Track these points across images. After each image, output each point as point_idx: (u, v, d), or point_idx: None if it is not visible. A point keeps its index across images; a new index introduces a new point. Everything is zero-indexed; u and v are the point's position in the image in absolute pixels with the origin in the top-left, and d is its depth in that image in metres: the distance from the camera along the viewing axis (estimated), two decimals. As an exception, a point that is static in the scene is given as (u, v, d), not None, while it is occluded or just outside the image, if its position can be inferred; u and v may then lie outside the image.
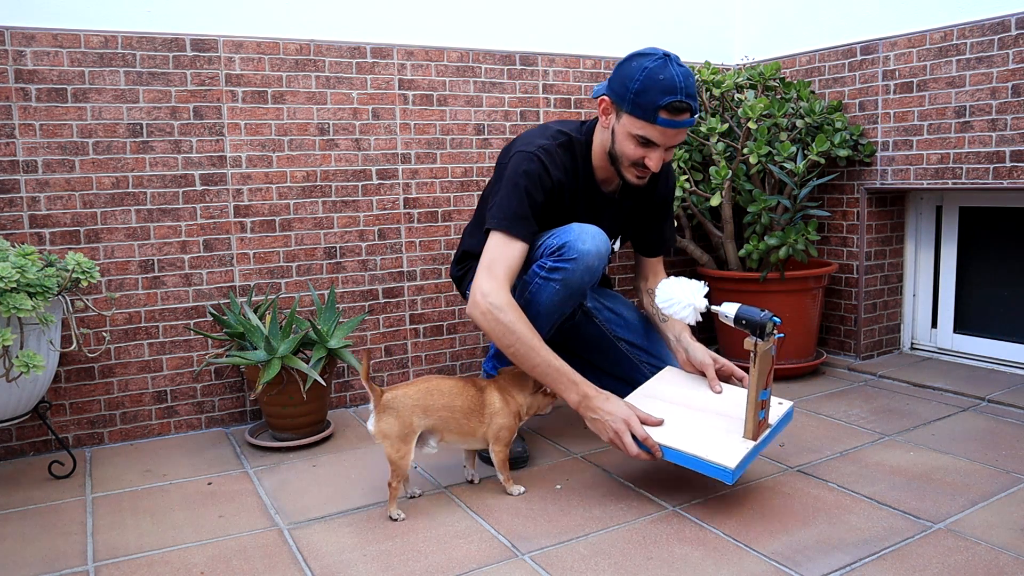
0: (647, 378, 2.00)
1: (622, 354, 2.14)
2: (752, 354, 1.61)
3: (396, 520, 1.66)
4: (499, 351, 1.93)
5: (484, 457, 2.00)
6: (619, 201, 2.04)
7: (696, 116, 1.80)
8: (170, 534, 1.64)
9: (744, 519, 1.63)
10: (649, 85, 1.73)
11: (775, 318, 1.61)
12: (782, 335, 1.64)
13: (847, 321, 2.88)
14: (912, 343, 2.96)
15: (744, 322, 1.62)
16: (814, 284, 2.66)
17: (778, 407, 1.81)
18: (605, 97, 1.84)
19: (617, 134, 1.83)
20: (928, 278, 2.90)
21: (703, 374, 1.93)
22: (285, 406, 2.12)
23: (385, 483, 1.71)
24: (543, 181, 1.83)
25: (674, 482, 1.83)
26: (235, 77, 2.27)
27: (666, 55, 1.76)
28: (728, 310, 1.65)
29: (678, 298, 1.70)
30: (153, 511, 1.76)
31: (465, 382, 1.76)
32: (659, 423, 1.73)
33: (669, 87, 1.71)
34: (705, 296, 1.69)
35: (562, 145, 1.89)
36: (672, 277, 1.75)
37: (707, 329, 3.20)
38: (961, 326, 2.81)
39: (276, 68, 2.32)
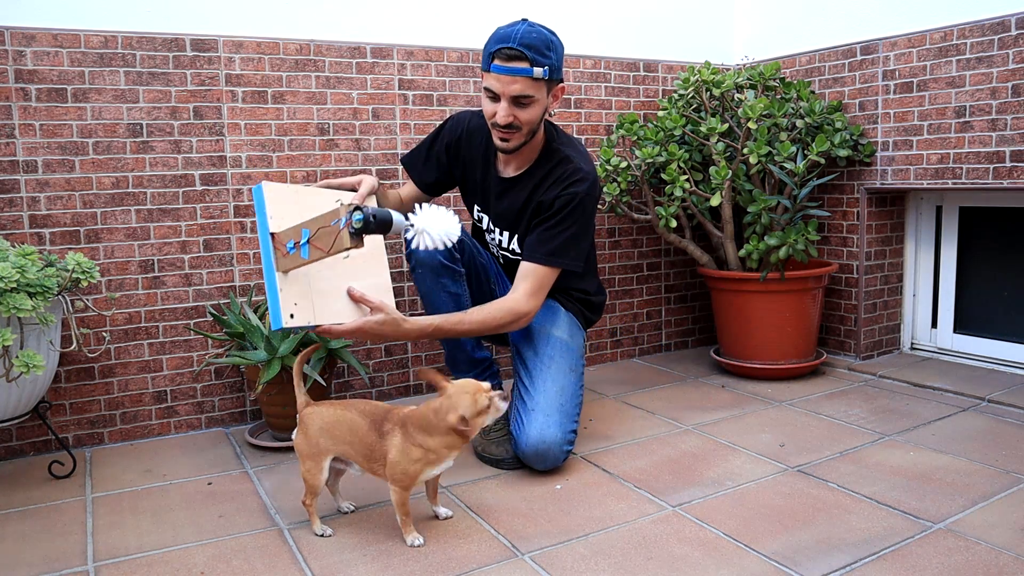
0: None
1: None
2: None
3: (323, 536, 1.60)
4: (448, 356, 2.10)
5: (481, 457, 2.01)
6: (512, 186, 2.00)
7: (541, 69, 1.77)
8: (170, 534, 1.64)
9: (744, 519, 1.63)
10: (490, 39, 1.82)
11: (361, 216, 1.42)
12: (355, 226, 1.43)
13: (847, 321, 2.88)
14: (912, 343, 2.96)
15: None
16: (814, 284, 2.66)
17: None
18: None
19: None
20: (928, 278, 2.90)
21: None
22: (285, 406, 2.12)
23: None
24: (454, 129, 2.05)
25: (674, 482, 1.83)
26: (235, 77, 2.27)
27: (524, 20, 1.83)
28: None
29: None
30: (153, 511, 1.76)
31: (371, 425, 1.56)
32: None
33: (503, 36, 1.78)
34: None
35: (484, 120, 1.99)
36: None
37: (707, 331, 3.20)
38: (961, 326, 2.81)
39: (276, 68, 2.32)
